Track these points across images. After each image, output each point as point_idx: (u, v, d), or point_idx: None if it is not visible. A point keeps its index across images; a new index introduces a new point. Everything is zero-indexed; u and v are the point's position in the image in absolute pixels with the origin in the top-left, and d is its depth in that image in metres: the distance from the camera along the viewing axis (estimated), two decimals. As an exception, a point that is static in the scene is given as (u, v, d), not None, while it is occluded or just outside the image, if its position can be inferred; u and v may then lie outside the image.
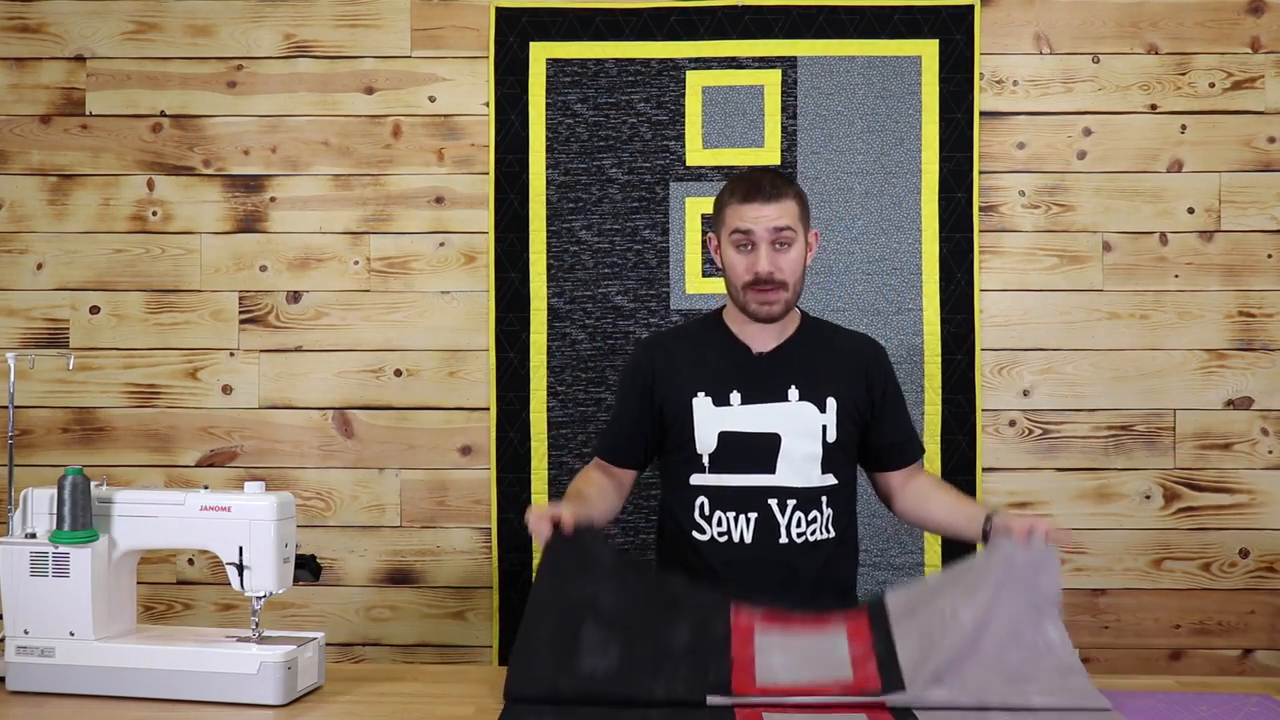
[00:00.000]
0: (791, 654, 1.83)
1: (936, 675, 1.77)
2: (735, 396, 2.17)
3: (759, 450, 2.15)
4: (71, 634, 1.87)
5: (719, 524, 2.15)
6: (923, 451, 2.33)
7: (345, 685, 1.93)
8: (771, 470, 2.15)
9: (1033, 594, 1.85)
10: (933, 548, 2.90)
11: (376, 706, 1.84)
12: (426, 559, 2.99)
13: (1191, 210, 2.95)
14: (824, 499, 2.16)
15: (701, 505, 2.17)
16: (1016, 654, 1.82)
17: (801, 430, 2.15)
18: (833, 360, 2.22)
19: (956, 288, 2.93)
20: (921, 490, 2.26)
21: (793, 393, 2.16)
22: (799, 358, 2.20)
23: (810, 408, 2.16)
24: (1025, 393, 2.95)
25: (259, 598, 1.90)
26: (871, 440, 2.25)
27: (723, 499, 2.16)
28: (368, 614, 3.00)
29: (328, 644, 2.04)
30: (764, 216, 2.12)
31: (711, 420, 2.17)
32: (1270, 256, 2.94)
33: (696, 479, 2.18)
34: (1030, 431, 2.95)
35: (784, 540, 2.14)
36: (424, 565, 2.99)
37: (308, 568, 1.97)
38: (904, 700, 1.74)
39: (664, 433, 2.24)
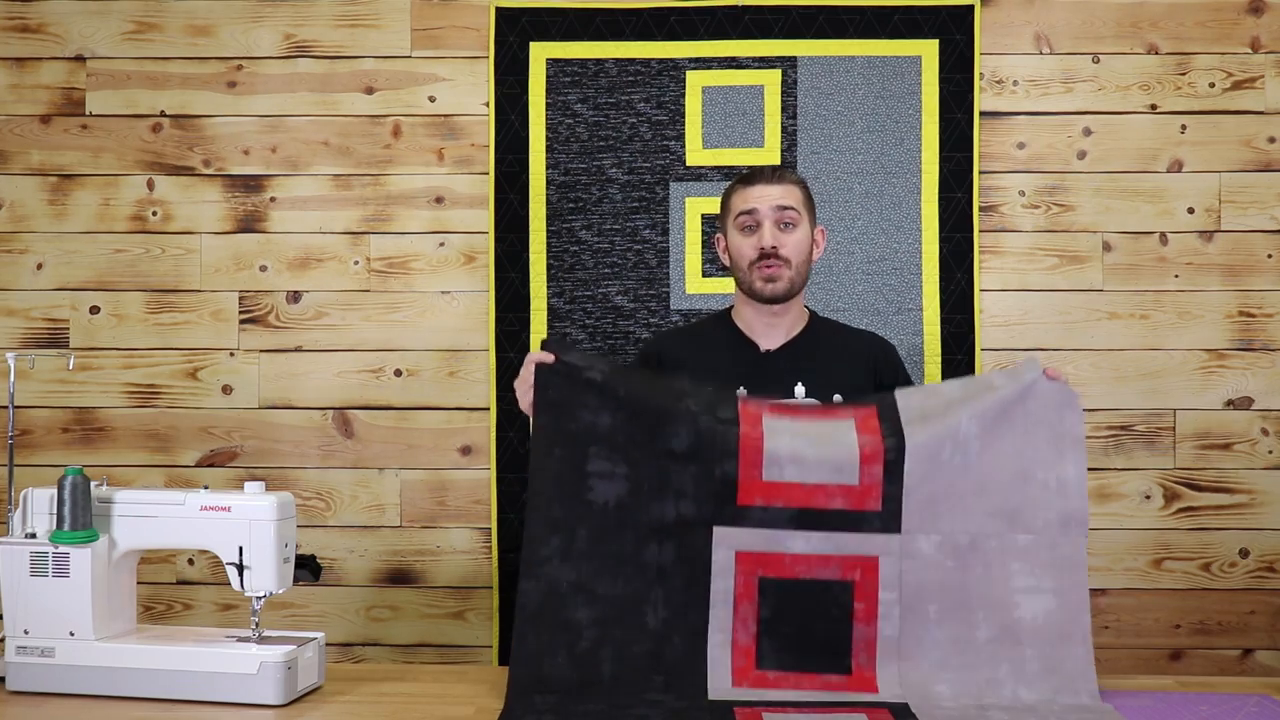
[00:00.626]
0: (799, 438, 1.84)
1: (932, 509, 1.82)
2: (741, 394, 2.16)
3: None
4: (71, 634, 1.87)
5: None
6: None
7: (345, 685, 1.93)
8: None
9: (1056, 429, 1.86)
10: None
11: (376, 706, 1.84)
12: (426, 559, 2.99)
13: (1191, 210, 2.95)
14: None
15: None
16: (1020, 495, 1.84)
17: None
18: (840, 357, 2.23)
19: (956, 288, 2.93)
20: None
21: (799, 390, 2.17)
22: (806, 355, 2.21)
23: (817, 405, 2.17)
24: (1025, 393, 2.94)
25: (259, 598, 1.90)
26: None
27: None
28: (368, 614, 3.00)
29: (328, 644, 2.04)
30: (768, 195, 2.16)
31: None
32: (1270, 256, 2.94)
33: None
34: (1030, 431, 2.94)
35: None
36: (424, 565, 2.99)
37: (308, 568, 1.97)
38: (896, 551, 1.80)
39: None
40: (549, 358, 1.92)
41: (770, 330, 2.21)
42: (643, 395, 1.92)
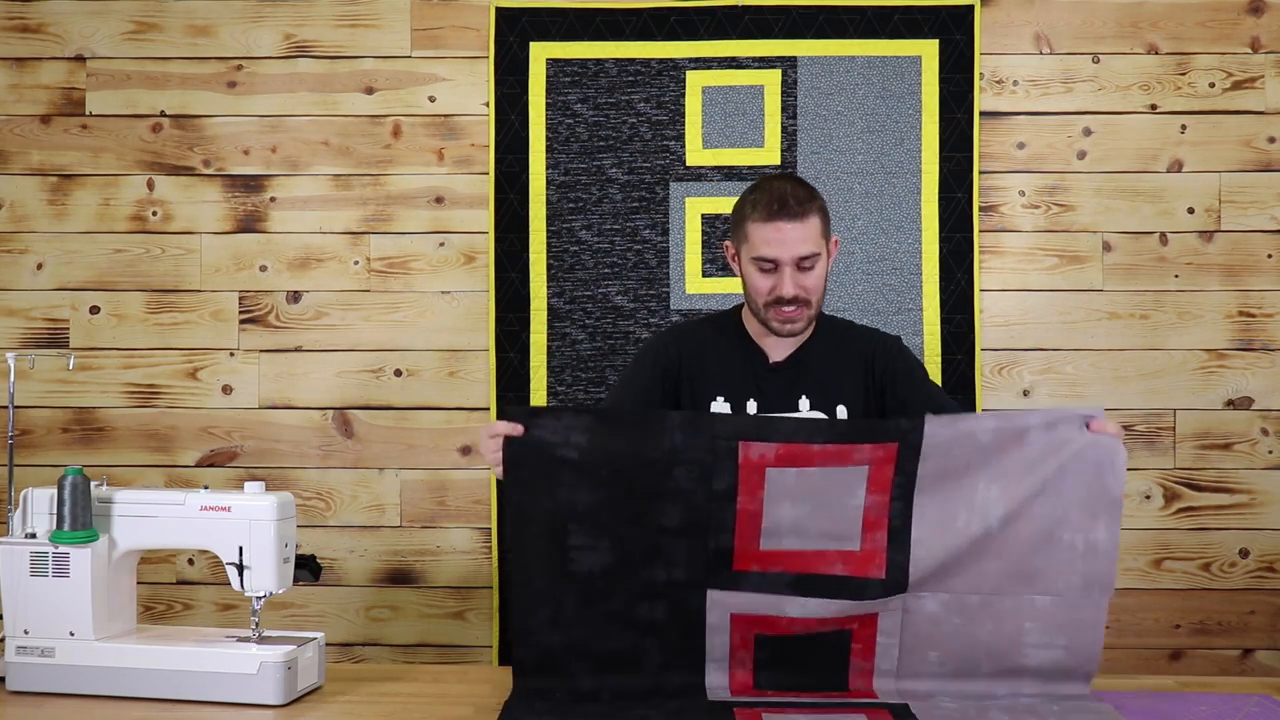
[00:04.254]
0: (802, 504, 1.76)
1: (942, 572, 1.75)
2: (751, 405, 2.15)
3: None
4: (71, 634, 1.87)
5: None
6: None
7: (345, 685, 1.93)
8: None
9: (1093, 489, 1.78)
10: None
11: (376, 706, 1.84)
12: (426, 559, 2.99)
13: (1191, 210, 2.95)
14: None
15: None
16: (1043, 558, 1.77)
17: None
18: (841, 366, 2.19)
19: (956, 288, 2.93)
20: None
21: (803, 403, 2.15)
22: (811, 366, 2.18)
23: (821, 418, 2.13)
24: (1025, 393, 2.95)
25: (259, 598, 1.90)
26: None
27: None
28: (368, 614, 3.00)
29: (328, 644, 2.04)
30: (789, 241, 2.07)
31: None
32: (1270, 256, 2.94)
33: None
34: (1030, 431, 2.94)
35: None
36: (424, 565, 2.99)
37: (308, 568, 1.97)
38: (898, 608, 1.75)
39: None
40: (516, 429, 1.79)
41: (779, 342, 2.19)
42: (626, 469, 1.78)
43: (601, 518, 1.79)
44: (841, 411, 2.16)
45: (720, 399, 2.17)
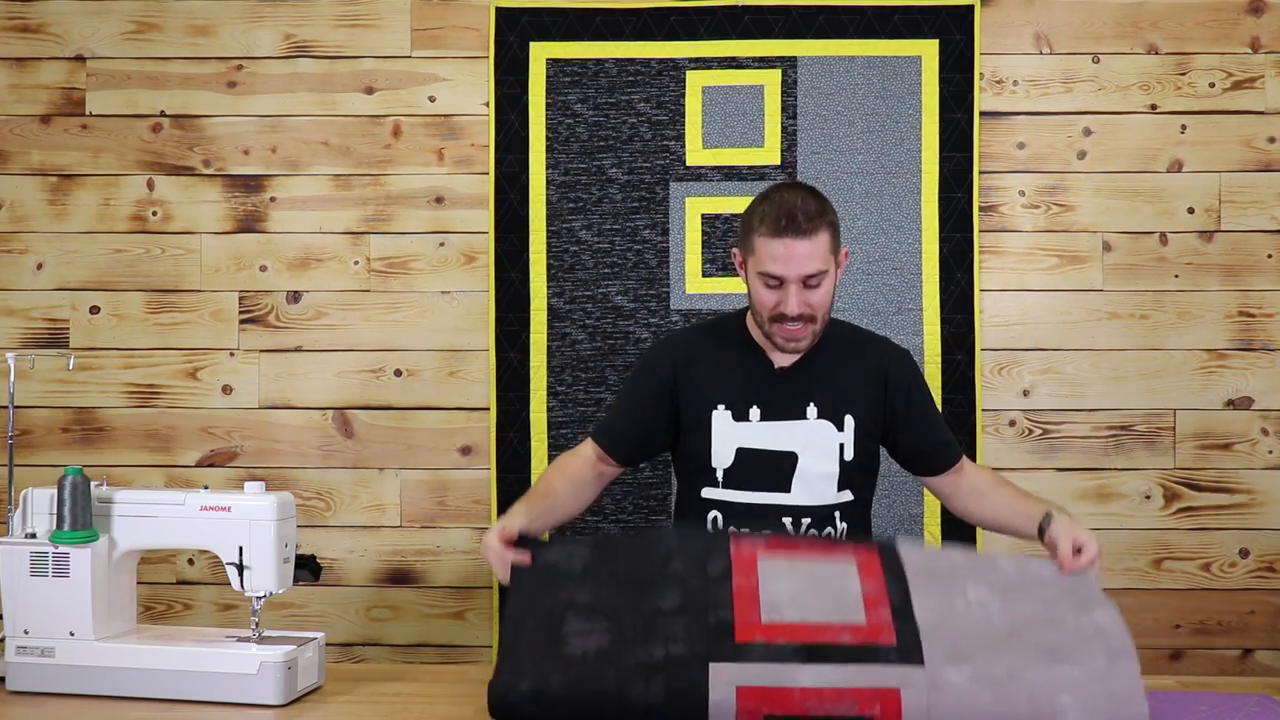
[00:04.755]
0: (798, 583, 1.72)
1: (956, 647, 1.63)
2: (755, 412, 2.11)
3: (775, 469, 2.10)
4: (71, 634, 1.87)
5: None
6: (960, 454, 2.23)
7: (345, 685, 1.94)
8: (786, 489, 2.10)
9: (1078, 591, 1.75)
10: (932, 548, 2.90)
11: (376, 706, 1.84)
12: (426, 559, 2.99)
13: (1191, 210, 2.95)
14: (837, 515, 2.12)
15: (714, 519, 2.13)
16: (1057, 634, 1.67)
17: (819, 449, 2.10)
18: (852, 375, 2.15)
19: (956, 288, 2.93)
20: (976, 489, 2.19)
21: (811, 410, 2.11)
22: (819, 373, 2.14)
23: (828, 426, 2.11)
24: (1025, 393, 2.95)
25: (259, 598, 1.90)
26: (904, 446, 2.20)
27: (735, 515, 2.11)
28: (368, 614, 3.00)
29: (328, 644, 2.04)
30: (795, 258, 2.01)
31: (730, 435, 2.11)
32: (1270, 256, 2.94)
33: (709, 493, 2.13)
34: (1030, 431, 2.95)
35: None
36: (424, 565, 2.99)
37: (308, 568, 1.97)
38: (921, 684, 1.59)
39: (677, 438, 2.19)
40: (525, 559, 1.82)
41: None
42: (626, 568, 1.77)
43: (599, 608, 1.73)
44: (849, 422, 2.12)
45: (721, 407, 2.12)
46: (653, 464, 2.85)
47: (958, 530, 2.90)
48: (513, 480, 2.94)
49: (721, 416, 2.13)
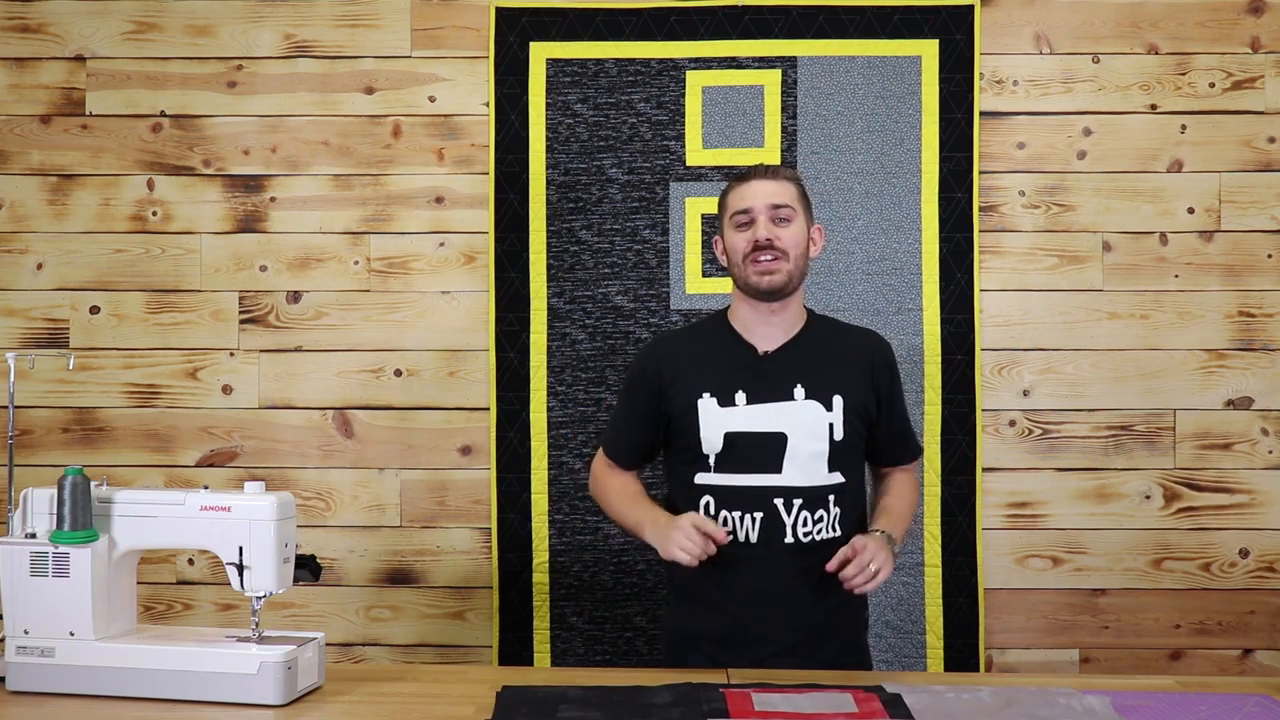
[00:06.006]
0: (794, 704, 1.78)
1: (950, 717, 1.73)
2: (741, 396, 2.16)
3: (765, 450, 2.14)
4: (71, 634, 1.87)
5: (724, 523, 2.14)
6: (919, 454, 2.35)
7: (345, 685, 1.93)
8: (778, 470, 2.14)
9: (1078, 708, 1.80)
10: (932, 548, 2.90)
11: (376, 706, 1.84)
12: (426, 559, 2.99)
13: (1191, 210, 2.95)
14: (831, 498, 2.16)
15: (707, 504, 2.16)
16: (1047, 710, 1.76)
17: (808, 429, 2.14)
18: (839, 358, 2.21)
19: (956, 288, 2.93)
20: (884, 486, 2.32)
21: (799, 391, 2.16)
22: (805, 356, 2.19)
23: (817, 406, 2.15)
24: (1025, 393, 2.95)
25: (259, 598, 1.90)
26: (875, 437, 2.25)
27: (728, 498, 2.15)
28: (368, 614, 3.00)
29: (328, 644, 2.04)
30: (762, 192, 2.15)
31: (717, 421, 2.16)
32: (1270, 256, 2.94)
33: (701, 478, 2.17)
34: (1030, 431, 2.95)
35: (789, 540, 2.13)
36: (424, 565, 2.99)
37: (308, 568, 1.97)
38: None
39: (670, 433, 2.24)
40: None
41: (768, 331, 2.20)
42: (619, 700, 1.81)
43: (591, 699, 1.80)
44: (838, 401, 2.15)
45: (707, 395, 2.17)
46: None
47: (958, 530, 2.91)
48: (513, 480, 2.94)
49: (708, 404, 2.17)
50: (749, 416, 2.16)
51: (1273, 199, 2.94)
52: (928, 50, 2.94)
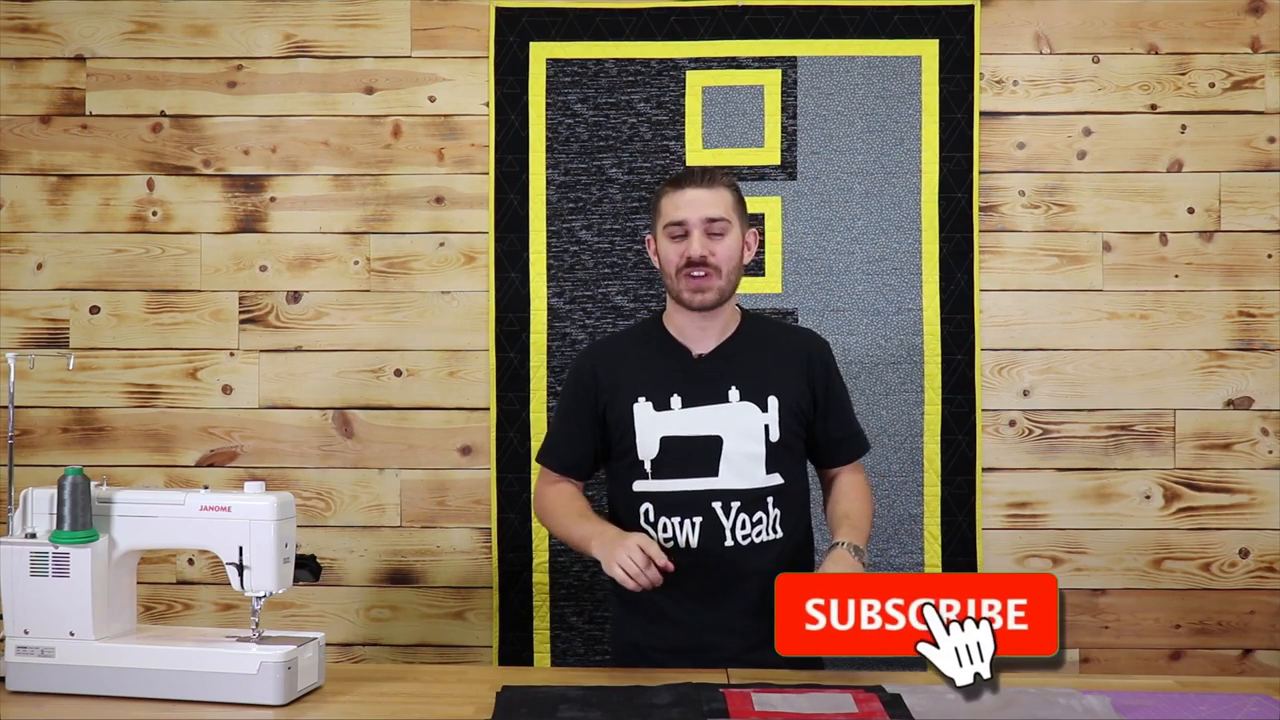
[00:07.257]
0: (795, 706, 1.79)
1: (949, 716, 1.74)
2: (676, 400, 2.14)
3: (701, 453, 2.12)
4: (71, 634, 1.87)
5: (664, 529, 2.12)
6: (866, 448, 2.29)
7: (345, 685, 1.93)
8: (714, 473, 2.12)
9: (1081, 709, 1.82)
10: (932, 548, 2.90)
11: (376, 706, 1.84)
12: (426, 559, 2.99)
13: (1191, 210, 2.95)
14: (769, 499, 2.14)
15: (646, 511, 2.14)
16: (1046, 710, 1.78)
17: (743, 431, 2.13)
18: (774, 359, 2.19)
19: (956, 288, 2.93)
20: (840, 490, 2.25)
21: (733, 393, 2.14)
22: (739, 358, 2.17)
23: (751, 408, 2.13)
24: (1025, 393, 2.95)
25: (259, 598, 1.90)
26: (815, 437, 2.22)
27: (666, 504, 2.13)
28: (368, 614, 3.00)
29: (328, 644, 2.04)
30: (697, 202, 2.11)
31: (653, 425, 2.14)
32: (1270, 256, 2.94)
33: (640, 485, 2.15)
34: (1030, 431, 2.95)
35: (729, 543, 2.11)
36: (424, 565, 2.99)
37: (308, 568, 1.97)
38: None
39: (608, 439, 2.21)
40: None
41: (702, 335, 2.18)
42: (619, 700, 1.82)
43: (591, 700, 1.81)
44: (773, 403, 2.13)
45: (642, 399, 2.15)
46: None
47: (958, 530, 2.91)
48: (513, 480, 2.94)
49: (643, 408, 2.15)
50: (684, 420, 2.14)
51: (1273, 199, 2.94)
52: (928, 50, 2.94)
